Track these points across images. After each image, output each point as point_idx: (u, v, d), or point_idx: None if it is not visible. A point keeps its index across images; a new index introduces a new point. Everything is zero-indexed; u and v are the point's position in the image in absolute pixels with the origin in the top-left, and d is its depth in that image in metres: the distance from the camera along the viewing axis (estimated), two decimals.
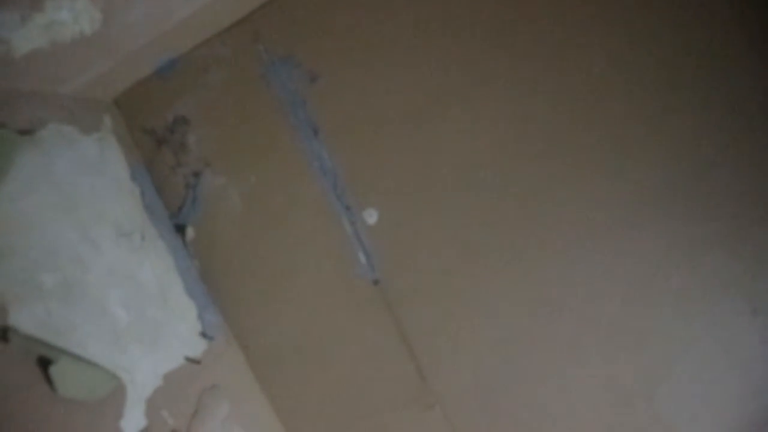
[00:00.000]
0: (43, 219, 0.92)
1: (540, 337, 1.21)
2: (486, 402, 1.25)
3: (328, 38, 1.20)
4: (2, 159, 0.89)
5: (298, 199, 1.24)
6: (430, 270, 1.22)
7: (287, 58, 1.21)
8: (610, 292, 1.18)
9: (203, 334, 1.18)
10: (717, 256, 1.14)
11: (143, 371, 1.00)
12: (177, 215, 1.26)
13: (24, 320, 0.82)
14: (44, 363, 0.82)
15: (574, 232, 1.17)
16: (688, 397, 1.18)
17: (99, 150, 1.14)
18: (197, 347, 1.16)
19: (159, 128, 1.26)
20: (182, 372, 1.09)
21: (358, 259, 1.24)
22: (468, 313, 1.23)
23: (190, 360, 1.12)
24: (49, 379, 0.81)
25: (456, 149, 1.19)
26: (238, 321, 1.29)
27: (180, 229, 1.26)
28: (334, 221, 1.23)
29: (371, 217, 1.22)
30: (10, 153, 0.91)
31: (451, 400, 1.26)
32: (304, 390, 1.30)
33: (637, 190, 1.15)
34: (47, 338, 0.84)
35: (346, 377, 1.28)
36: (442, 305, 1.23)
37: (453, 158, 1.19)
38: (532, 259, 1.19)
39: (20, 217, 0.88)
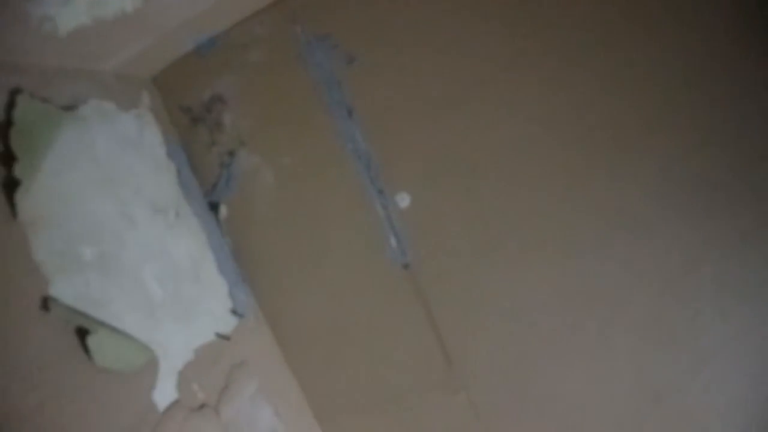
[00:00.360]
0: (84, 193, 0.94)
1: (569, 327, 1.20)
2: (511, 390, 1.25)
3: (365, 20, 1.19)
4: (46, 134, 0.91)
5: (332, 180, 1.24)
6: (460, 256, 1.22)
7: (324, 39, 1.21)
8: (643, 284, 1.16)
9: (234, 312, 1.20)
10: (757, 252, 1.11)
11: (175, 345, 1.02)
12: (211, 193, 1.28)
13: (64, 291, 0.84)
14: (82, 333, 0.84)
15: (608, 222, 1.16)
16: (722, 395, 1.16)
17: (137, 127, 1.16)
18: (228, 324, 1.18)
19: (195, 106, 1.28)
20: (213, 347, 1.11)
21: (389, 242, 1.24)
22: (497, 301, 1.22)
23: (221, 336, 1.14)
24: (86, 349, 0.84)
25: (491, 136, 1.17)
26: (268, 300, 1.31)
27: (214, 207, 1.28)
28: (367, 204, 1.23)
29: (403, 201, 1.22)
30: (54, 128, 0.93)
31: (476, 387, 1.26)
32: (331, 370, 1.32)
33: (676, 180, 1.12)
34: (86, 309, 0.87)
35: (373, 359, 1.29)
36: (471, 292, 1.23)
37: (487, 145, 1.18)
38: (563, 249, 1.18)
39: (63, 190, 0.90)
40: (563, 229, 1.17)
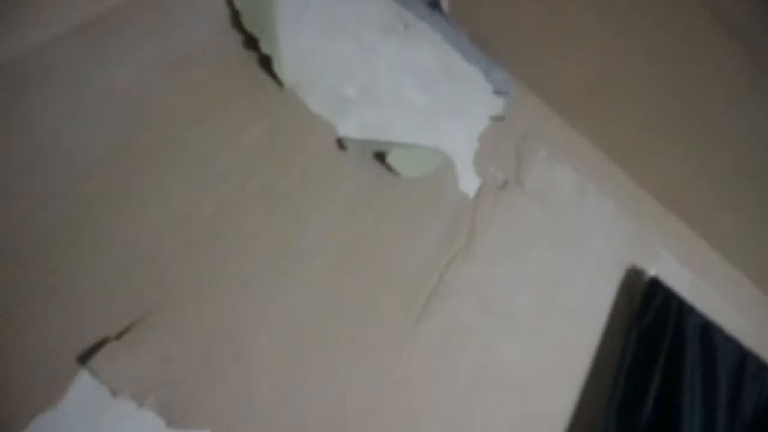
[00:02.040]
0: (321, 44, 1.00)
1: None
2: None
3: None
4: (267, 8, 0.97)
5: None
6: None
7: None
8: None
9: (497, 92, 1.20)
10: None
11: (459, 140, 1.07)
12: None
13: (349, 129, 0.93)
14: (380, 157, 0.93)
15: None
16: None
17: None
18: (496, 105, 1.18)
19: None
20: (492, 131, 1.14)
21: None
22: None
23: (495, 118, 1.15)
24: (389, 168, 0.93)
25: None
26: (524, 70, 1.26)
27: (434, 5, 1.24)
28: None
29: None
30: (273, 2, 0.98)
31: None
32: (610, 115, 1.24)
33: None
34: (372, 137, 0.95)
35: (649, 95, 1.17)
36: None
37: None
38: None
39: (303, 49, 0.97)
40: None
